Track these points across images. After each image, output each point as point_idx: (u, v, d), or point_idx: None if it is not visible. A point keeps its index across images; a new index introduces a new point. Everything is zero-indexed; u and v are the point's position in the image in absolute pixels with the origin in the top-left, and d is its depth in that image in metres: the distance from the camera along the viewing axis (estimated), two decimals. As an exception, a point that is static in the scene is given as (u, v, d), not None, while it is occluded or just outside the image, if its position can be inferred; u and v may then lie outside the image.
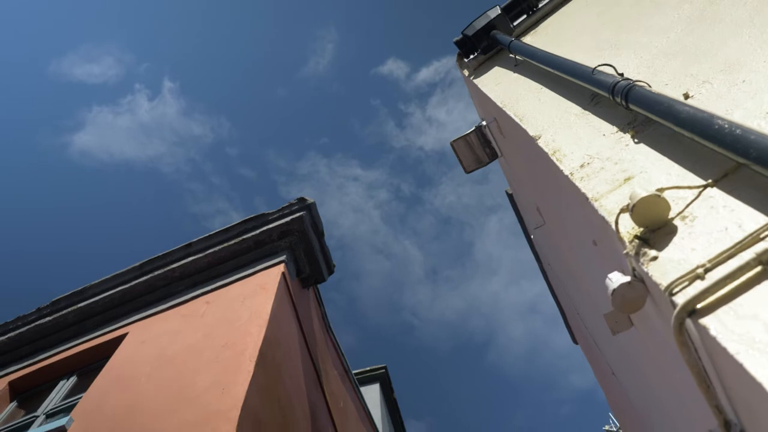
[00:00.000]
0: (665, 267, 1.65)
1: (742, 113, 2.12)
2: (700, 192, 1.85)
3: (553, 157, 2.68)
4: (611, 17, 3.92)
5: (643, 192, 1.82)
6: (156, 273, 6.31)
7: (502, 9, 5.05)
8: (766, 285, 1.41)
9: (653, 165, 2.18)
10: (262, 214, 6.49)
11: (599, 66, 2.94)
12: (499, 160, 5.44)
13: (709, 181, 1.87)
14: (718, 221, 1.70)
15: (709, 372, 1.50)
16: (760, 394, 1.22)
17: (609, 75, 2.78)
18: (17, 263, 30.44)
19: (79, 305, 6.41)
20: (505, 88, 4.13)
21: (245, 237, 6.29)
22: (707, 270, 1.54)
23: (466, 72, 5.15)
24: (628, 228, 1.90)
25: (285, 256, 6.14)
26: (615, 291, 1.79)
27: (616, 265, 2.06)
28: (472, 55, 5.05)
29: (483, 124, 4.66)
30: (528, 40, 4.61)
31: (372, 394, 10.94)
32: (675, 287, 1.56)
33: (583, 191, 2.27)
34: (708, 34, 2.89)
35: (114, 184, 34.21)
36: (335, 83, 40.41)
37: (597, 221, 2.19)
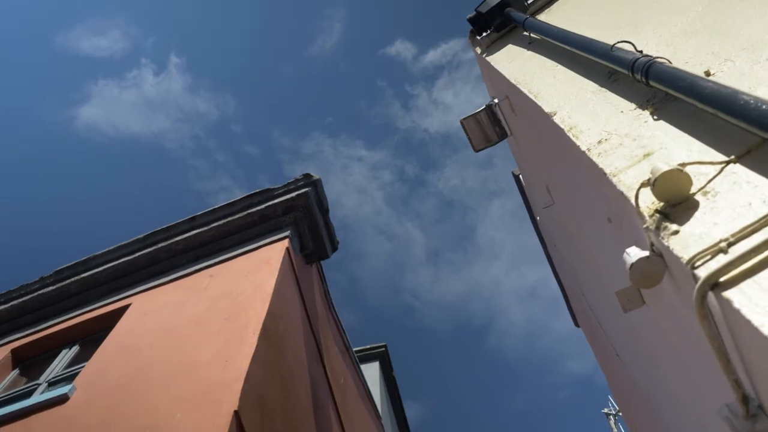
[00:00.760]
0: (687, 241, 1.63)
1: (766, 90, 2.08)
2: (722, 168, 1.82)
3: (570, 134, 2.65)
4: (629, -5, 3.86)
5: (665, 166, 1.79)
6: (160, 245, 6.30)
7: (516, -14, 4.97)
8: (791, 259, 1.39)
9: (673, 141, 2.14)
10: (267, 189, 6.46)
11: (617, 43, 2.89)
12: (508, 139, 5.39)
13: (732, 157, 1.84)
14: (741, 197, 1.68)
15: (729, 346, 1.49)
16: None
17: (628, 52, 2.73)
18: (22, 234, 30.54)
19: (83, 275, 6.41)
20: (519, 65, 4.07)
21: (250, 211, 6.27)
22: (730, 244, 1.52)
23: (478, 50, 5.09)
24: (647, 203, 1.87)
25: (289, 231, 6.13)
26: (633, 265, 1.77)
27: (631, 243, 2.04)
28: (485, 33, 4.99)
29: (495, 101, 4.60)
30: (543, 18, 4.54)
31: (371, 372, 11.02)
32: (697, 260, 1.54)
33: (601, 167, 2.24)
34: (730, 12, 2.83)
35: (119, 158, 34.11)
36: (342, 63, 40.15)
37: (614, 197, 2.17)
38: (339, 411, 6.57)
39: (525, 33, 4.43)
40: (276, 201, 6.31)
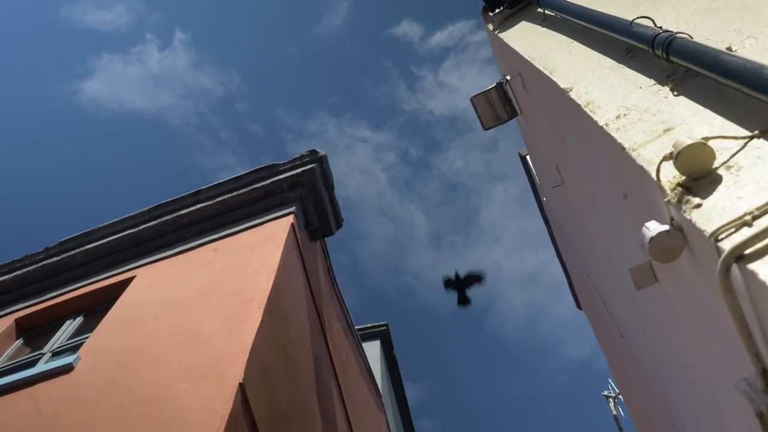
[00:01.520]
0: (710, 214, 1.61)
1: (790, 67, 2.04)
2: (746, 142, 1.80)
3: (587, 109, 2.61)
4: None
5: (688, 140, 1.76)
6: (165, 218, 6.29)
7: (530, -38, 4.89)
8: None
9: (694, 117, 2.11)
10: (272, 164, 6.43)
11: (636, 19, 2.84)
12: (517, 119, 5.35)
13: (756, 132, 1.81)
14: (765, 171, 1.66)
15: (750, 320, 1.48)
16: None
17: (648, 27, 2.69)
18: (27, 205, 30.57)
19: (87, 247, 6.41)
20: (533, 42, 4.02)
21: (255, 186, 6.25)
22: (755, 217, 1.50)
23: (490, 26, 5.02)
24: (668, 177, 1.85)
25: (294, 207, 6.11)
26: (653, 239, 1.75)
27: (648, 219, 2.02)
28: (497, 9, 4.92)
29: (507, 78, 4.55)
30: (557, -6, 4.47)
31: (372, 350, 11.07)
32: (721, 233, 1.52)
33: (620, 141, 2.21)
34: (753, -11, 2.78)
35: (123, 133, 33.94)
36: (348, 43, 39.65)
37: (632, 173, 2.14)
38: (341, 387, 6.61)
39: (539, 10, 4.36)
40: (281, 177, 6.29)
